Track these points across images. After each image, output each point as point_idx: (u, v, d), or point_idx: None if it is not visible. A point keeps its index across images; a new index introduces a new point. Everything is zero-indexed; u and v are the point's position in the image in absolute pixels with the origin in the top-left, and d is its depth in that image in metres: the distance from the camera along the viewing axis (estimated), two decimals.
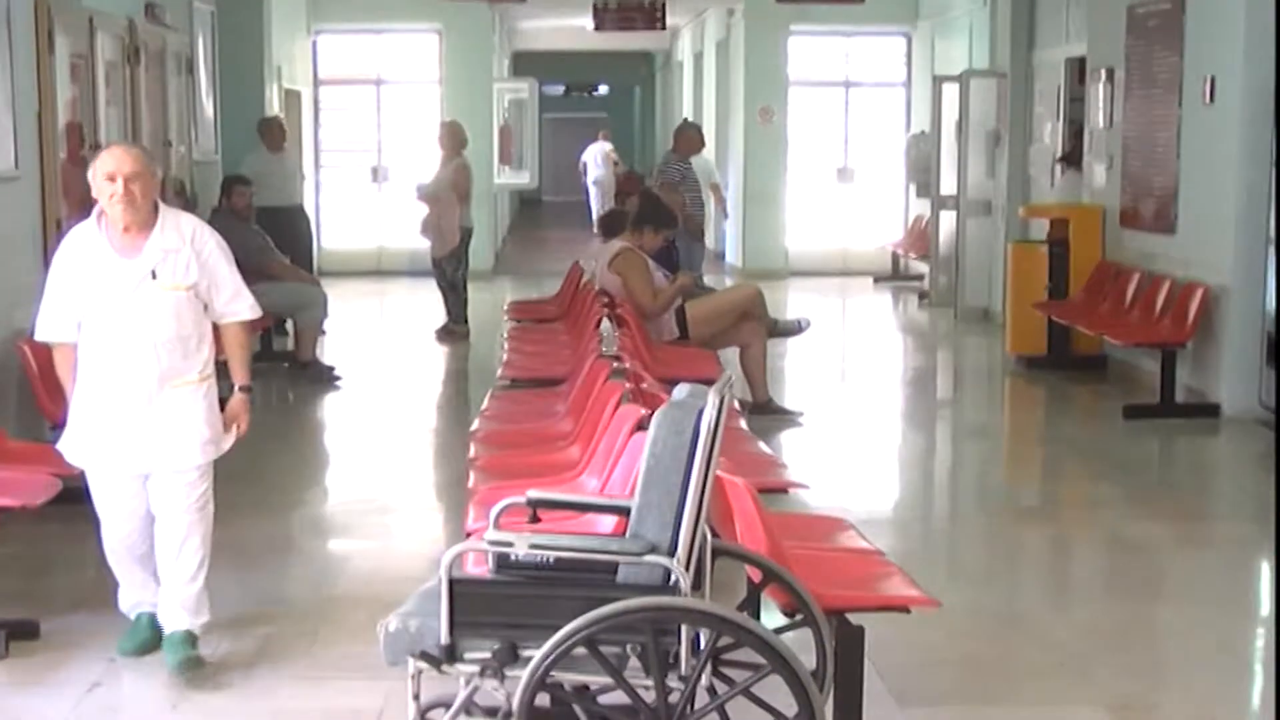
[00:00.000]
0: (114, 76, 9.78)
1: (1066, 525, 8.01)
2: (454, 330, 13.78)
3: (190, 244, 5.38)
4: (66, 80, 8.75)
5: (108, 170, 5.27)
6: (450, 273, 13.82)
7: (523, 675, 3.92)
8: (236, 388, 5.57)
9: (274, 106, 15.63)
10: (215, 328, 5.53)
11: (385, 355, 13.50)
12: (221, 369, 5.57)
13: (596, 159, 28.32)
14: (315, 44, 19.25)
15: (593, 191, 28.32)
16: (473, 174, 13.86)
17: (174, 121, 11.33)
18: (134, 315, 5.30)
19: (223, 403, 5.55)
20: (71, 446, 5.50)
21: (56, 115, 8.51)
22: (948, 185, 15.67)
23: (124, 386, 5.34)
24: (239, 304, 5.52)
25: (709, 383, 4.18)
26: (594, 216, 26.49)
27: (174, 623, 5.47)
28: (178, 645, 5.42)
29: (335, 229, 18.99)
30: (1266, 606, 6.48)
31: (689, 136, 13.79)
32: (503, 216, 23.92)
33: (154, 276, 5.30)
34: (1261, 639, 5.99)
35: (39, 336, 5.52)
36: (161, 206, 5.41)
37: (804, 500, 7.09)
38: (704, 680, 4.06)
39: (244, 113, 14.16)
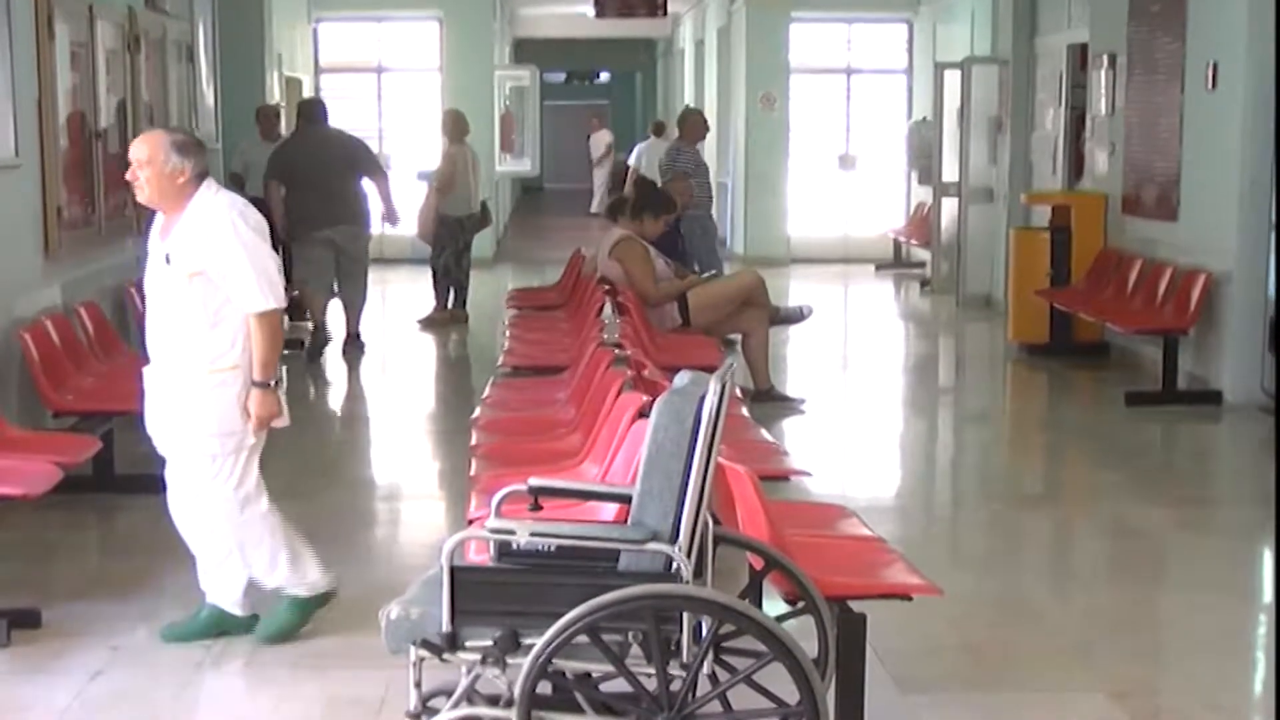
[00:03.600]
0: (114, 64, 9.76)
1: (1068, 511, 8.01)
2: (434, 318, 13.81)
3: (207, 230, 5.31)
4: (67, 68, 8.74)
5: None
6: (431, 258, 13.89)
7: (524, 663, 3.92)
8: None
9: (275, 94, 15.61)
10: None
11: (386, 343, 13.50)
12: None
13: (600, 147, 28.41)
14: (316, 31, 19.24)
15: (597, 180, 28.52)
16: (464, 163, 13.82)
17: (174, 109, 11.31)
18: (155, 294, 5.46)
19: None
20: None
21: (57, 103, 8.50)
22: (949, 172, 15.67)
23: (150, 360, 5.53)
24: (249, 295, 5.30)
25: (710, 370, 4.17)
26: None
27: (215, 598, 5.60)
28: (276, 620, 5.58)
29: None
30: (1268, 592, 6.48)
31: (694, 123, 13.79)
32: (504, 204, 23.91)
33: (168, 261, 5.35)
34: (1263, 625, 5.99)
35: None
36: (200, 191, 5.36)
37: (806, 487, 7.09)
38: (706, 668, 4.05)
39: (245, 100, 14.13)
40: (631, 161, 23.15)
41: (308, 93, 18.29)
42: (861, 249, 19.13)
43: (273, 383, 5.40)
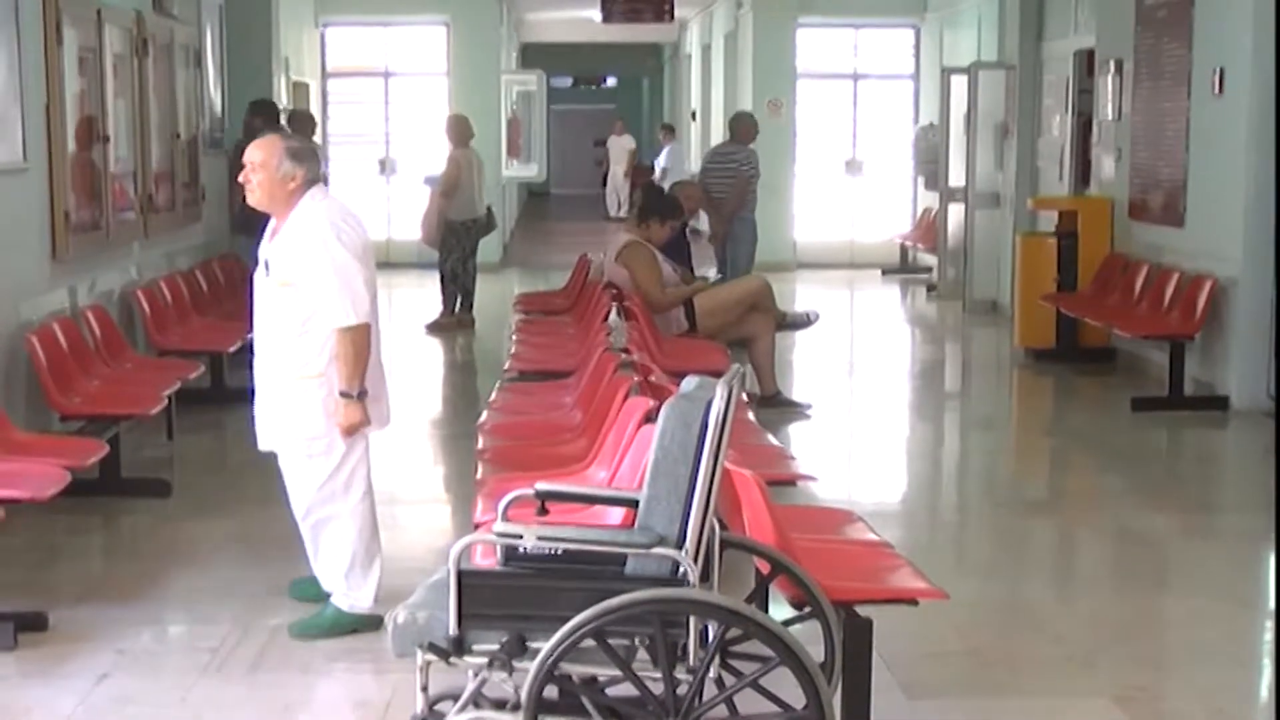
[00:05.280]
0: (122, 69, 9.77)
1: (1073, 517, 8.00)
2: (441, 323, 13.84)
3: (301, 241, 5.45)
4: (75, 73, 8.75)
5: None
6: (439, 263, 13.95)
7: (531, 667, 3.93)
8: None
9: (282, 99, 15.62)
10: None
11: (392, 347, 13.50)
12: None
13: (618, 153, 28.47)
14: (323, 36, 19.25)
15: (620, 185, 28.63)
16: (468, 168, 13.85)
17: (182, 113, 11.33)
18: (257, 298, 5.66)
19: None
20: None
21: (65, 107, 8.51)
22: (956, 177, 15.66)
23: (256, 360, 5.72)
24: (332, 310, 5.42)
25: (717, 375, 4.18)
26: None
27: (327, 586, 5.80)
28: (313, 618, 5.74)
29: None
30: (1273, 598, 6.48)
31: (748, 125, 13.93)
32: (511, 209, 23.92)
33: (267, 269, 5.54)
34: (1268, 631, 5.98)
35: None
36: (305, 200, 5.49)
37: (812, 492, 7.09)
38: (712, 672, 4.06)
39: None
40: (663, 164, 23.44)
41: (315, 98, 18.32)
42: (868, 254, 19.14)
43: (356, 393, 5.46)
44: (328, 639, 5.61)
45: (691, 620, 3.95)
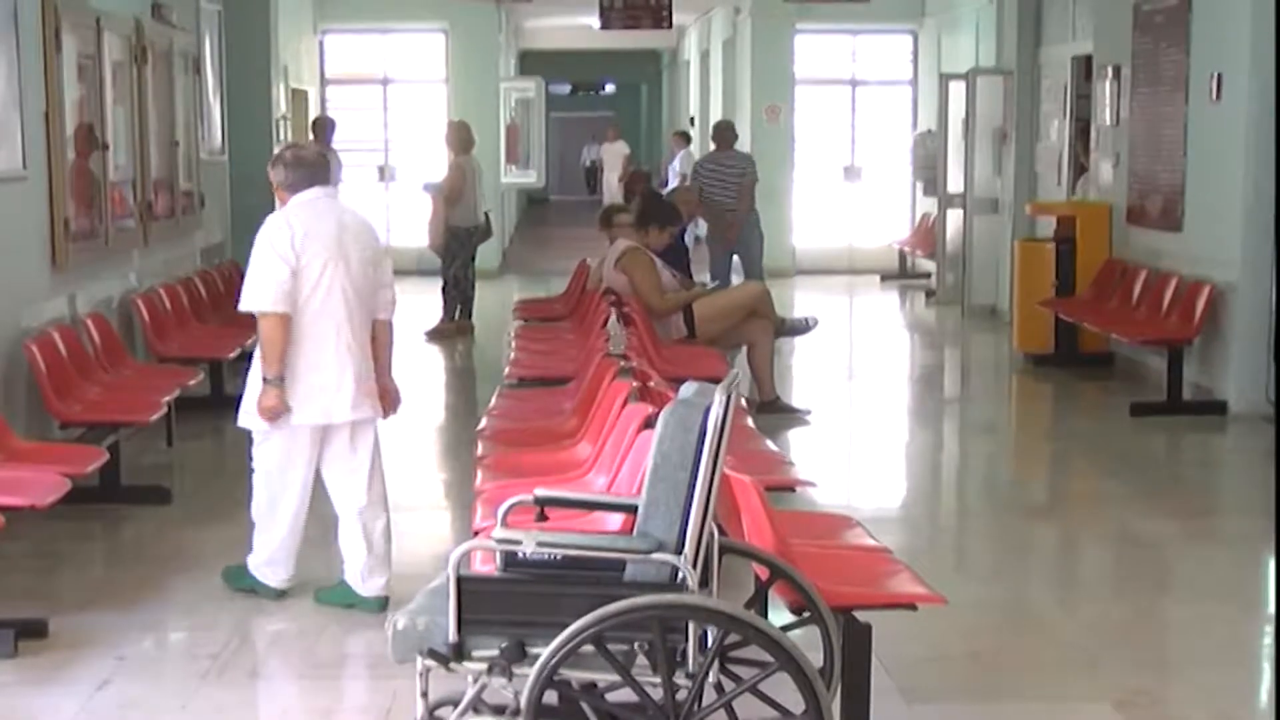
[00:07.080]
0: (121, 76, 9.77)
1: (1073, 522, 8.01)
2: (441, 329, 13.86)
3: None
4: (74, 80, 8.76)
5: None
6: (442, 270, 13.96)
7: (530, 673, 3.93)
8: None
9: (281, 106, 15.64)
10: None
11: (393, 354, 13.49)
12: None
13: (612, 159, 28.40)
14: (322, 43, 19.27)
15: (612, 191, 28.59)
16: (470, 175, 13.88)
17: (181, 121, 11.34)
18: None
19: None
20: None
21: (64, 115, 8.52)
22: (954, 183, 15.67)
23: None
24: (245, 294, 5.89)
25: (716, 381, 4.18)
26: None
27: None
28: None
29: None
30: (1273, 601, 6.48)
31: (726, 134, 14.17)
32: (510, 216, 23.93)
33: None
34: (1269, 634, 5.99)
35: None
36: (292, 200, 5.99)
37: (811, 498, 7.10)
38: (711, 678, 4.06)
39: (251, 112, 14.17)
40: (683, 171, 23.64)
41: (314, 104, 18.34)
42: (867, 260, 19.14)
43: (272, 377, 5.81)
44: (240, 590, 6.12)
45: (691, 625, 3.95)
